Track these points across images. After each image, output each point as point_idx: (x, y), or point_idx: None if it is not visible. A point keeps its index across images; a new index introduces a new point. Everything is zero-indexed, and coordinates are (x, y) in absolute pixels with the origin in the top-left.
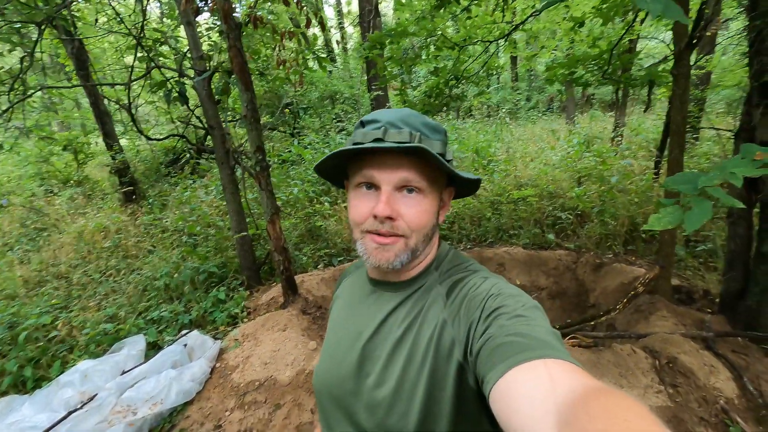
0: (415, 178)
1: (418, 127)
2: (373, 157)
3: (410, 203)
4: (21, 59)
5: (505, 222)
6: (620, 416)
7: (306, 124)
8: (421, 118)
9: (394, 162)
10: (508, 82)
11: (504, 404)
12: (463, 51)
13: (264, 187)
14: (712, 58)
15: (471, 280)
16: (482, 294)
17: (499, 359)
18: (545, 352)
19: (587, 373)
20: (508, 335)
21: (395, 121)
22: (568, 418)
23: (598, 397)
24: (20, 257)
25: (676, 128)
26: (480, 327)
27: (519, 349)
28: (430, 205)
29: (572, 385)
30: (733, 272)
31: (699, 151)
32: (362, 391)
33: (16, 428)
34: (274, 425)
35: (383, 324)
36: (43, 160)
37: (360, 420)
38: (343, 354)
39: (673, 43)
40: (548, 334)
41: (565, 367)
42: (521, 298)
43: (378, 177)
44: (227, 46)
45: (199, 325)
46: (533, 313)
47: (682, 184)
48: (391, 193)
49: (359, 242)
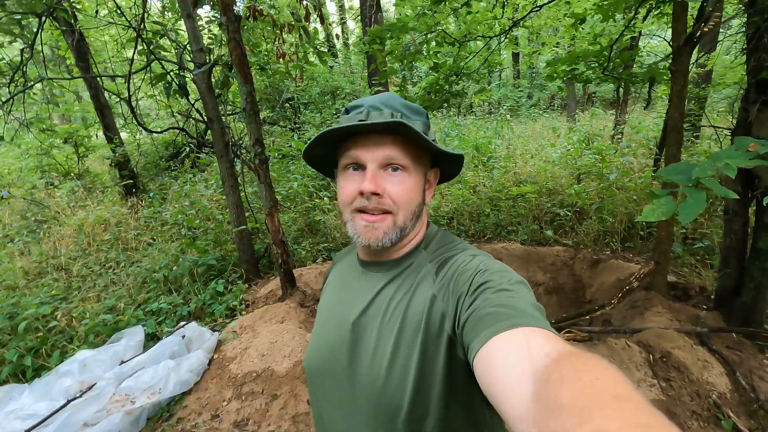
0: (398, 155)
1: (399, 108)
2: (358, 138)
3: (395, 180)
4: (21, 51)
5: (503, 218)
6: (590, 376)
7: (306, 120)
8: (401, 100)
9: (378, 141)
10: (510, 79)
11: (485, 370)
12: (464, 47)
13: (263, 180)
14: (713, 56)
15: (460, 257)
16: (471, 270)
17: (482, 328)
18: (525, 320)
19: (564, 341)
20: (492, 306)
21: (376, 104)
22: (542, 380)
23: (571, 359)
24: (21, 249)
25: (673, 125)
26: (467, 300)
27: (501, 318)
28: (415, 182)
29: (547, 350)
30: (728, 269)
31: (699, 149)
32: (356, 367)
33: (16, 416)
34: (271, 415)
35: (373, 301)
36: (43, 152)
37: (354, 397)
38: (334, 333)
39: (672, 39)
40: (530, 307)
41: (542, 335)
42: (507, 274)
43: (363, 156)
44: (227, 39)
45: (198, 317)
46: (518, 288)
47: (677, 174)
48: (377, 171)
49: (349, 223)
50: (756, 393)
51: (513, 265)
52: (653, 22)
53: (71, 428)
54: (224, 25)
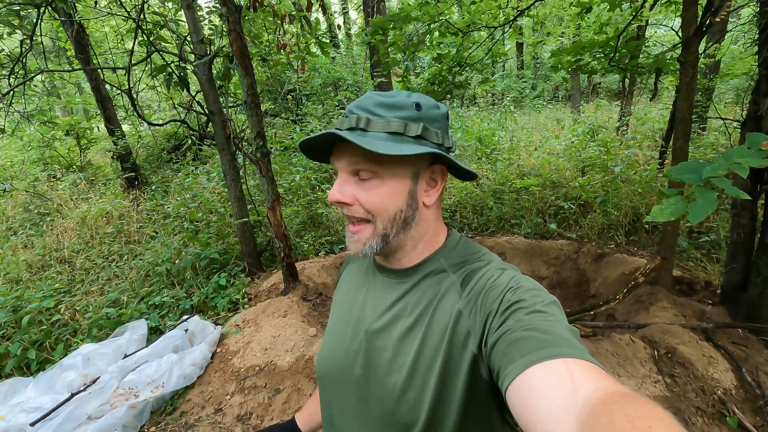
0: (362, 162)
1: (369, 109)
2: (335, 147)
3: (365, 187)
4: (21, 42)
5: (507, 211)
6: (643, 424)
7: (308, 111)
8: (379, 98)
9: (345, 149)
10: (514, 70)
11: (522, 401)
12: (467, 37)
13: (264, 173)
14: (721, 46)
15: (488, 272)
16: (501, 287)
17: (517, 354)
18: (566, 350)
19: (609, 375)
20: (526, 330)
21: (352, 108)
22: (589, 422)
23: (621, 402)
24: (24, 242)
25: (682, 117)
26: (497, 319)
27: (538, 345)
28: (391, 188)
29: (594, 388)
30: (735, 263)
31: (705, 141)
32: (370, 377)
33: (20, 409)
34: (274, 409)
35: (390, 311)
36: (45, 145)
37: (367, 407)
38: (349, 339)
39: (681, 29)
40: (567, 331)
41: (586, 368)
42: (540, 293)
43: (336, 165)
44: (227, 30)
45: (201, 310)
46: (552, 309)
47: (686, 173)
48: (346, 179)
49: (345, 230)
50: (762, 389)
51: (516, 258)
52: (660, 11)
53: (76, 421)
54: (225, 15)
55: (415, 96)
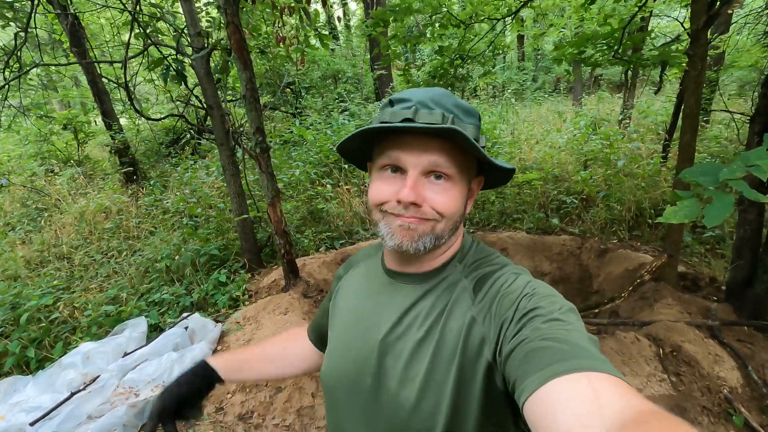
0: (444, 163)
1: (451, 109)
2: (401, 138)
3: (438, 189)
4: (15, 35)
5: (508, 206)
6: None
7: (308, 104)
8: (454, 99)
9: (423, 145)
10: (515, 62)
11: (542, 418)
12: (469, 29)
13: (264, 169)
14: (725, 37)
15: (501, 276)
16: (515, 293)
17: (535, 367)
18: (587, 362)
19: (634, 390)
20: (543, 339)
21: (426, 101)
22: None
23: (652, 422)
24: (22, 237)
25: (689, 111)
26: (512, 328)
27: (558, 357)
28: (459, 192)
29: (621, 406)
30: (741, 260)
31: (710, 134)
32: (382, 386)
33: (20, 408)
34: (275, 408)
35: (403, 318)
36: (42, 139)
37: (377, 418)
38: (358, 348)
39: (689, 20)
40: (587, 341)
41: (610, 383)
42: (557, 299)
43: (405, 160)
44: (225, 23)
45: (201, 307)
46: (570, 317)
47: (702, 175)
48: (418, 178)
49: (381, 222)
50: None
51: (519, 254)
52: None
53: (75, 421)
54: (222, 7)
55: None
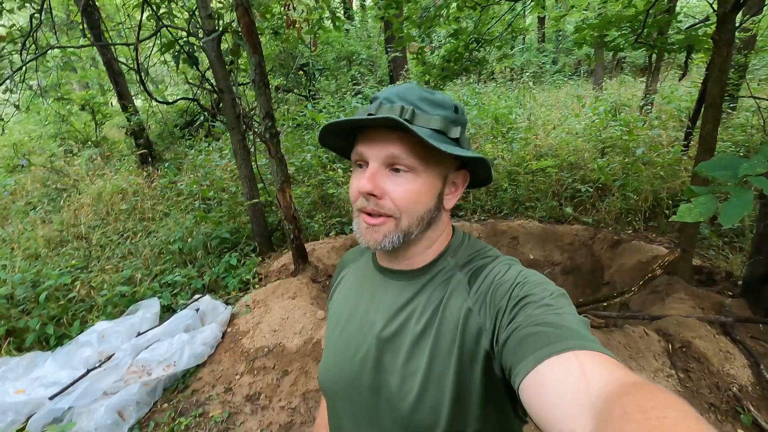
0: (403, 155)
1: (413, 102)
2: (365, 133)
3: (398, 181)
4: (31, 17)
5: (521, 194)
6: (657, 414)
7: (321, 87)
8: (422, 92)
9: (384, 138)
10: (534, 43)
11: (535, 399)
12: (486, 11)
13: (274, 154)
14: (758, 19)
15: (495, 268)
16: (508, 282)
17: (528, 350)
18: (576, 342)
19: (621, 365)
20: (536, 325)
21: (391, 96)
22: (603, 415)
23: (634, 392)
24: (42, 217)
25: (712, 100)
26: (507, 316)
27: (548, 340)
28: (424, 185)
29: (606, 379)
30: (759, 255)
31: (735, 122)
32: (382, 384)
33: (40, 383)
34: (282, 391)
35: (399, 315)
36: (61, 119)
37: (379, 415)
38: (355, 348)
39: (717, 3)
40: (577, 323)
41: (597, 359)
42: (548, 286)
43: (366, 153)
44: (234, 5)
45: (212, 289)
46: (561, 302)
47: (720, 170)
48: (378, 170)
49: (354, 221)
50: None
51: (530, 243)
52: None
53: (92, 396)
54: None
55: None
